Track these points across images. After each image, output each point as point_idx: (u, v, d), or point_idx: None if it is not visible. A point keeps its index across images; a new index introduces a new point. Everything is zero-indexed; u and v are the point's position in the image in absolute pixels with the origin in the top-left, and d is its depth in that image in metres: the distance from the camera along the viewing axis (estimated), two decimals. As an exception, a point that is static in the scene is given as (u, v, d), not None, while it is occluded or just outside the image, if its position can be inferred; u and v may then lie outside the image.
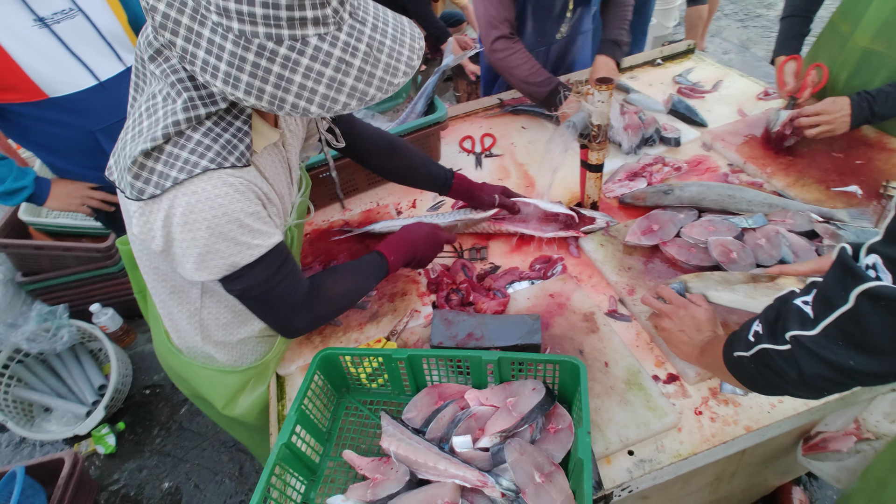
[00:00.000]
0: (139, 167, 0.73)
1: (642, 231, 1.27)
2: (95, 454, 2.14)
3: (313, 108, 0.71)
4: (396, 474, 0.87)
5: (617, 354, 1.06)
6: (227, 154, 0.77)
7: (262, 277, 0.85)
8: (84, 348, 2.34)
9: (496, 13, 1.58)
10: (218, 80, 0.68)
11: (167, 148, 0.74)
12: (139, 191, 0.74)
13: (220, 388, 1.09)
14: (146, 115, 0.75)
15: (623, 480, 0.89)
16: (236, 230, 0.79)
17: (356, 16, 0.73)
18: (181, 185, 0.74)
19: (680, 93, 1.84)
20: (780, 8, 4.73)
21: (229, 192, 0.77)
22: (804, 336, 0.62)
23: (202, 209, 0.75)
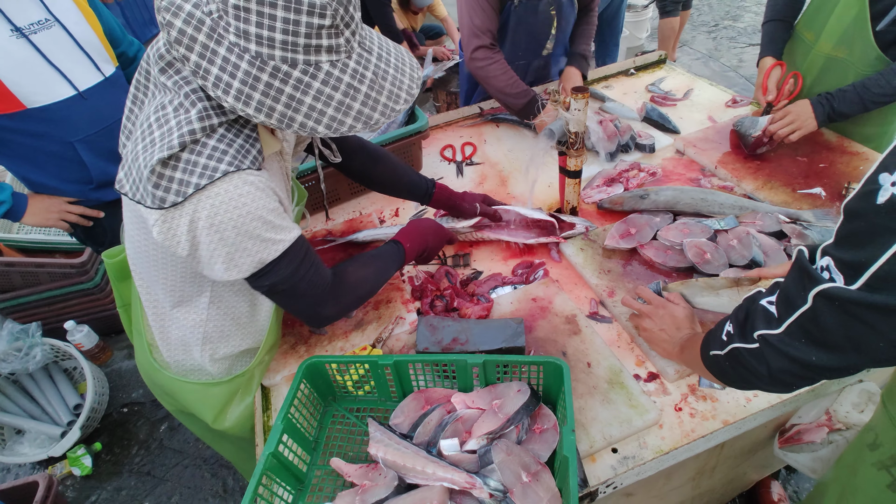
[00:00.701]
0: (158, 176, 0.74)
1: (620, 235, 1.31)
2: (71, 476, 2.07)
3: (320, 129, 0.75)
4: (385, 480, 0.87)
5: (599, 355, 1.08)
6: (243, 157, 0.79)
7: (288, 271, 0.87)
8: (58, 367, 2.27)
9: (480, 23, 1.63)
10: (230, 97, 0.71)
11: (184, 155, 0.75)
12: (160, 199, 0.75)
13: (209, 400, 1.08)
14: (156, 125, 0.76)
15: (608, 477, 0.90)
16: (261, 227, 0.81)
17: (364, 45, 0.78)
18: (203, 189, 0.75)
19: (653, 101, 1.90)
20: (746, 20, 4.93)
21: (251, 190, 0.78)
22: (770, 335, 0.66)
23: (227, 210, 0.77)
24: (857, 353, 0.58)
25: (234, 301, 1.00)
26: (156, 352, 1.07)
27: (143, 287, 0.99)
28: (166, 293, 0.96)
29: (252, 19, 0.68)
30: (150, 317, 1.02)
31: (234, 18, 0.69)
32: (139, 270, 0.97)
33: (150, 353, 1.06)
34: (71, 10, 1.42)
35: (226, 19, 0.69)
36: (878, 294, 0.53)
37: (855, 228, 0.56)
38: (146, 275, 0.96)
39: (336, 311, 1.00)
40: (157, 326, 1.02)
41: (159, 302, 0.99)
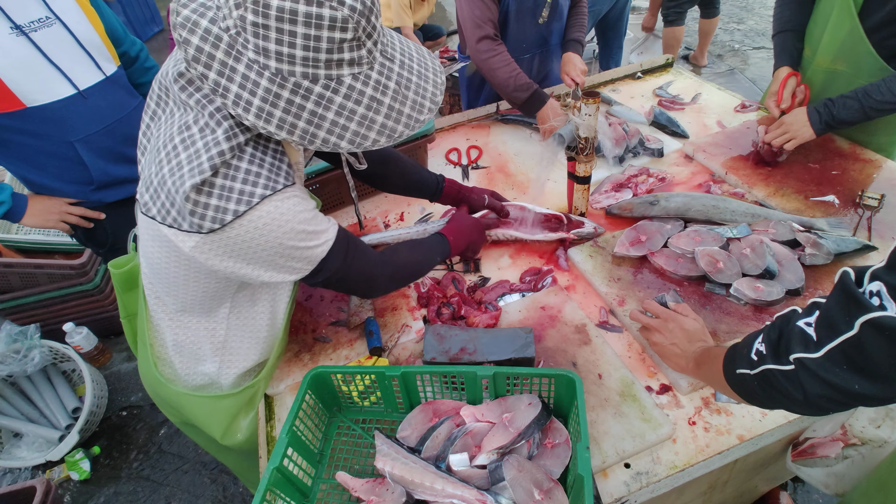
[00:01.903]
0: (193, 203, 0.73)
1: (630, 242, 1.28)
2: (69, 481, 2.05)
3: (343, 144, 0.73)
4: (392, 496, 0.85)
5: (610, 366, 1.06)
6: (276, 176, 0.78)
7: (336, 265, 0.90)
8: (56, 369, 2.25)
9: (481, 13, 1.64)
10: (251, 115, 0.69)
11: (218, 181, 0.73)
12: (198, 226, 0.74)
13: (217, 415, 1.06)
14: (182, 147, 0.74)
15: (621, 494, 0.88)
16: (304, 240, 0.82)
17: (386, 53, 0.75)
18: (242, 216, 0.74)
19: (661, 105, 1.88)
20: (751, 23, 4.91)
21: (289, 208, 0.78)
22: (808, 359, 0.62)
23: (268, 232, 0.77)
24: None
25: (253, 312, 0.99)
26: (161, 364, 1.05)
27: (158, 302, 0.97)
28: (185, 307, 0.94)
29: (272, 36, 0.66)
30: (165, 330, 0.99)
31: (252, 35, 0.67)
32: (155, 285, 0.94)
33: (155, 367, 1.04)
34: (72, 9, 1.40)
35: (244, 36, 0.67)
36: None
37: None
38: (163, 290, 0.93)
39: (386, 286, 1.05)
40: (172, 340, 1.00)
41: (175, 316, 0.96)
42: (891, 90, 1.29)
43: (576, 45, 1.84)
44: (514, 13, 1.76)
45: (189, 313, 0.95)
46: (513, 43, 1.81)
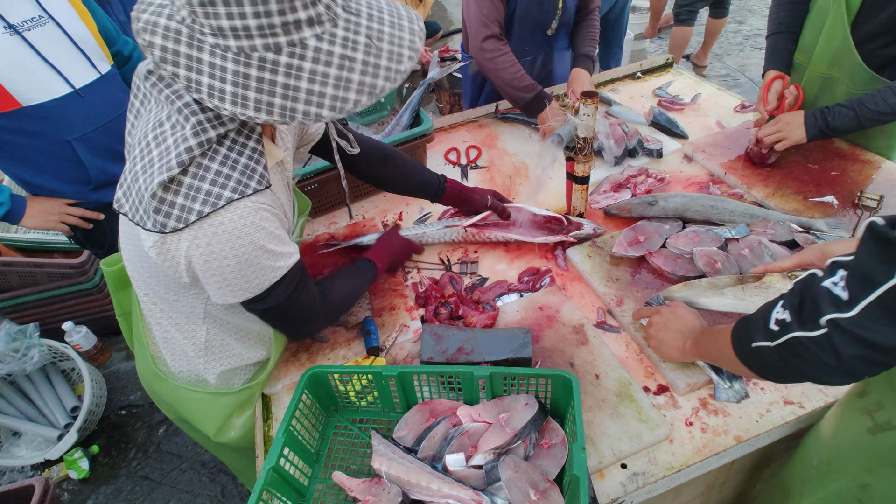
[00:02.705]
0: (159, 201, 0.72)
1: (629, 242, 1.28)
2: (68, 479, 2.05)
3: (325, 112, 0.70)
4: (388, 496, 0.85)
5: (607, 366, 1.06)
6: (248, 180, 0.77)
7: (284, 296, 0.87)
8: (55, 368, 2.25)
9: (487, 13, 1.63)
10: (227, 103, 0.68)
11: (186, 180, 0.73)
12: (161, 224, 0.73)
13: (213, 412, 1.05)
14: (154, 144, 0.74)
15: (618, 495, 0.88)
16: (261, 256, 0.80)
17: (349, 8, 0.72)
18: (206, 217, 0.73)
19: (660, 105, 1.87)
20: (752, 23, 4.90)
21: (254, 220, 0.77)
22: (842, 318, 0.58)
23: (228, 240, 0.76)
24: None
25: (228, 316, 0.98)
26: (159, 362, 1.05)
27: (146, 299, 0.96)
28: (163, 308, 0.94)
29: (221, 12, 0.64)
30: (154, 327, 1.00)
31: (204, 17, 0.65)
32: (139, 283, 0.94)
33: (153, 363, 1.04)
34: (64, 8, 1.40)
35: (199, 21, 0.66)
36: None
37: None
38: (142, 288, 0.94)
39: (318, 327, 1.05)
40: (161, 337, 1.00)
41: (158, 315, 0.97)
42: (885, 101, 1.29)
43: (586, 61, 1.81)
44: (520, 17, 1.75)
45: (168, 312, 0.95)
46: (515, 44, 1.80)
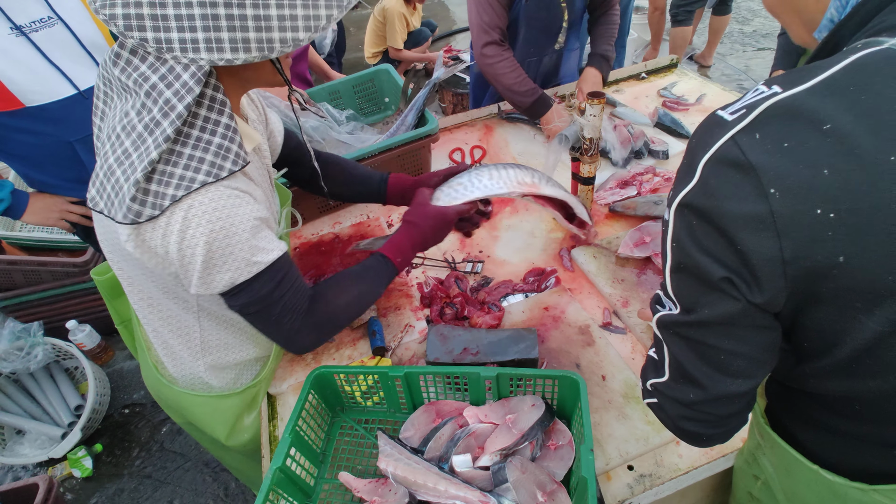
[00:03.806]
0: (137, 190, 0.70)
1: (634, 243, 1.28)
2: (71, 478, 2.05)
3: (301, 35, 0.70)
4: (395, 496, 0.85)
5: (614, 367, 1.05)
6: (223, 161, 0.74)
7: (262, 293, 0.82)
8: (59, 367, 2.25)
9: (489, 19, 1.63)
10: (202, 52, 0.67)
11: (159, 167, 0.71)
12: (136, 213, 0.71)
13: (219, 415, 1.05)
14: (124, 134, 0.71)
15: (625, 497, 0.88)
16: (237, 245, 0.77)
17: None
18: (179, 202, 0.72)
19: (665, 106, 1.87)
20: (756, 24, 4.89)
21: (228, 204, 0.75)
22: (659, 383, 0.63)
23: (199, 224, 0.73)
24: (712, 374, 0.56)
25: (221, 309, 0.94)
26: (162, 368, 1.04)
27: (138, 302, 0.94)
28: (156, 309, 0.92)
29: None
30: (150, 332, 0.99)
31: None
32: (128, 286, 0.92)
33: (156, 370, 1.04)
34: (76, 9, 1.40)
35: None
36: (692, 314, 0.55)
37: None
38: (133, 291, 0.92)
39: (313, 340, 0.92)
40: (158, 342, 0.99)
41: (149, 318, 0.95)
42: None
43: (601, 61, 1.76)
44: (525, 23, 1.74)
45: (161, 312, 0.93)
46: (521, 48, 1.79)
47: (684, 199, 0.52)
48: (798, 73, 0.49)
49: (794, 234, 0.46)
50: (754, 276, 0.49)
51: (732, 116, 0.49)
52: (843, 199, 0.44)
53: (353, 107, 1.85)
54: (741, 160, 0.47)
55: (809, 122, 0.45)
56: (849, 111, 0.44)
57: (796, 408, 0.67)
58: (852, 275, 0.46)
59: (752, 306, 0.51)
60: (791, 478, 0.71)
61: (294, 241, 1.50)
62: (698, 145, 0.51)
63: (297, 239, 1.51)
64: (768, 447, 0.73)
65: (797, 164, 0.45)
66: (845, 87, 0.45)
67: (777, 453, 0.71)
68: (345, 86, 1.84)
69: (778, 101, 0.47)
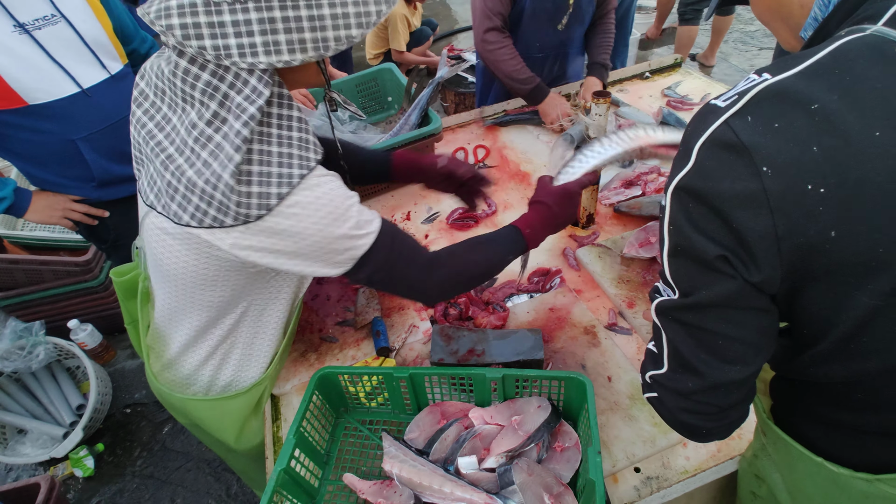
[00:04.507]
0: (238, 195, 0.72)
1: (640, 243, 1.27)
2: (73, 478, 2.05)
3: (354, 32, 0.72)
4: (400, 498, 0.84)
5: (620, 369, 1.05)
6: (307, 152, 0.77)
7: (381, 260, 0.85)
8: (61, 366, 2.25)
9: (492, 5, 1.66)
10: (260, 56, 0.68)
11: (255, 169, 0.73)
12: (244, 217, 0.73)
13: (227, 417, 1.05)
14: (199, 146, 0.72)
15: (631, 499, 0.87)
16: (345, 226, 0.79)
17: None
18: (285, 198, 0.74)
19: (669, 105, 1.86)
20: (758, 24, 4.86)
21: (328, 190, 0.78)
22: (658, 375, 0.63)
23: (310, 214, 0.76)
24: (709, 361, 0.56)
25: (267, 314, 0.98)
26: (167, 372, 1.03)
27: (171, 308, 0.94)
28: (201, 313, 0.92)
29: None
30: (172, 337, 0.98)
31: None
32: (169, 293, 0.92)
33: (155, 379, 1.03)
34: (79, 7, 1.39)
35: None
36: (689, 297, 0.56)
37: None
38: (175, 297, 0.91)
39: (440, 292, 0.94)
40: (179, 345, 0.98)
41: (186, 322, 0.95)
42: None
43: (600, 70, 1.83)
44: (530, 13, 1.75)
45: (203, 319, 0.93)
46: (527, 42, 1.81)
47: (680, 183, 0.53)
48: (786, 60, 0.51)
49: (787, 211, 0.47)
50: (750, 253, 0.50)
51: (725, 103, 0.51)
52: (831, 174, 0.46)
53: (357, 105, 1.85)
54: (734, 141, 0.49)
55: (798, 103, 0.47)
56: (834, 91, 0.46)
57: (801, 405, 0.67)
58: (843, 249, 0.47)
59: (749, 286, 0.52)
60: (795, 473, 0.71)
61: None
62: (693, 132, 0.53)
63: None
64: (772, 444, 0.73)
65: (787, 143, 0.47)
66: (831, 69, 0.48)
67: (780, 449, 0.71)
68: (348, 85, 1.83)
69: (768, 86, 0.49)
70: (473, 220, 1.48)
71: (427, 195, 1.61)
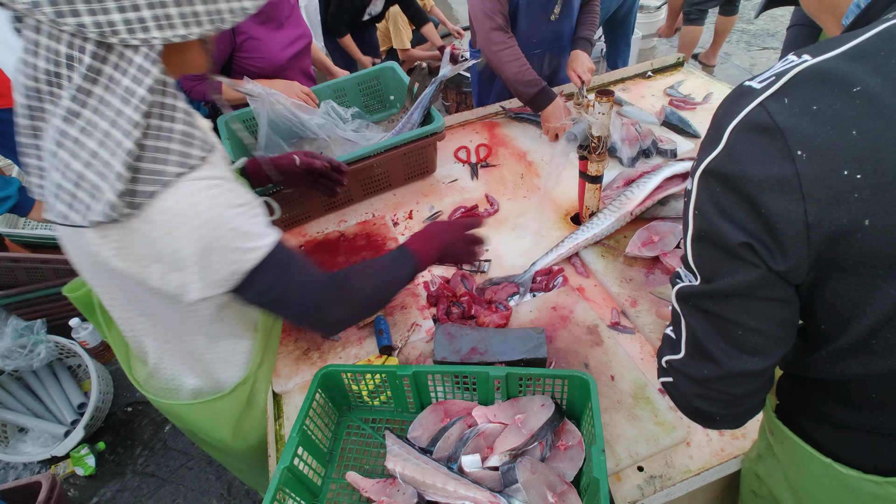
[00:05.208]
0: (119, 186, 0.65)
1: (642, 243, 1.27)
2: (74, 476, 2.05)
3: (248, 3, 0.68)
4: (404, 497, 0.84)
5: (623, 367, 1.04)
6: (189, 147, 0.69)
7: (272, 279, 0.78)
8: (62, 365, 2.25)
9: (491, 5, 1.65)
10: (152, 31, 0.63)
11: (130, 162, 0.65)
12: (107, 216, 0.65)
13: (219, 417, 1.04)
14: (85, 136, 0.64)
15: (635, 498, 0.87)
16: (227, 236, 0.72)
17: None
18: (153, 199, 0.67)
19: (672, 104, 1.86)
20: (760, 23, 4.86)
21: (211, 195, 0.70)
22: (674, 360, 0.63)
23: (185, 223, 0.69)
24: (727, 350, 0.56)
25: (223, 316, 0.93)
26: (155, 380, 1.03)
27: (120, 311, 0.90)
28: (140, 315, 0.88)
29: None
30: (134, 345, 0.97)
31: None
32: (112, 300, 0.88)
33: (148, 384, 1.03)
34: None
35: None
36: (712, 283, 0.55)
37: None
38: (116, 298, 0.87)
39: (343, 315, 0.88)
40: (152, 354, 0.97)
41: (137, 327, 0.92)
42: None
43: (584, 43, 1.83)
44: (525, 7, 1.75)
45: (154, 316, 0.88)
46: (523, 38, 1.81)
47: (709, 167, 0.51)
48: (828, 42, 0.48)
49: (820, 196, 0.46)
50: (777, 241, 0.48)
51: (761, 84, 0.49)
52: (869, 160, 0.44)
53: (359, 104, 1.85)
54: (769, 124, 0.47)
55: (838, 85, 0.45)
56: (878, 74, 0.44)
57: (808, 405, 0.67)
58: (876, 238, 0.46)
59: (773, 274, 0.50)
60: (802, 473, 0.70)
61: (299, 239, 1.50)
62: (725, 114, 0.51)
63: (302, 237, 1.51)
64: (779, 443, 0.73)
65: (825, 126, 0.45)
66: (875, 52, 0.45)
67: (788, 449, 0.70)
68: (350, 83, 1.83)
69: (807, 67, 0.47)
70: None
71: (429, 193, 1.61)
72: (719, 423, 0.63)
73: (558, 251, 1.31)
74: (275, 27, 1.71)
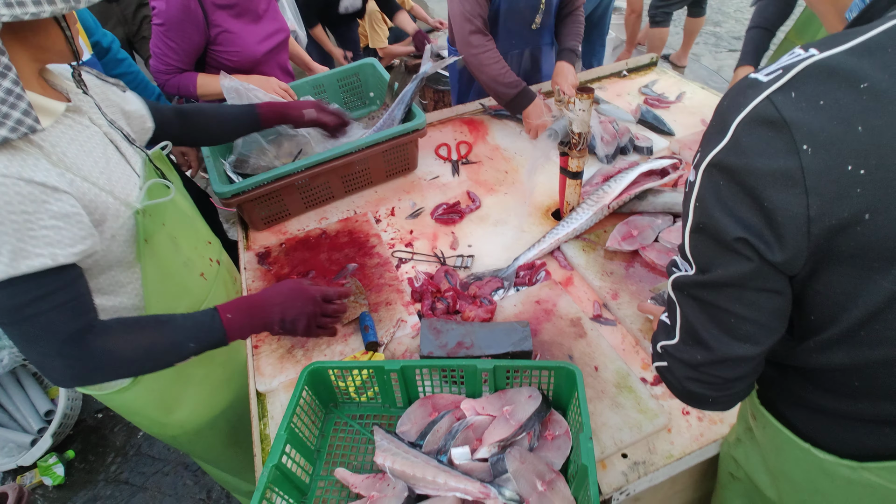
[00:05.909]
0: None
1: (622, 237, 1.30)
2: (42, 486, 1.97)
3: None
4: (394, 491, 0.84)
5: (605, 358, 1.07)
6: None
7: (12, 304, 0.70)
8: (27, 371, 2.15)
9: (471, 8, 1.64)
10: (1, 9, 0.61)
11: None
12: None
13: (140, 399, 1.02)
14: None
15: (620, 484, 0.89)
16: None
17: None
18: None
19: (647, 103, 1.90)
20: (727, 26, 5.02)
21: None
22: (669, 345, 0.65)
23: None
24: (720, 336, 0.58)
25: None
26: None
27: None
28: None
29: None
30: None
31: None
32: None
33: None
34: None
35: None
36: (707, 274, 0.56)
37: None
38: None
39: (72, 375, 0.77)
40: None
41: None
42: None
43: (571, 55, 1.84)
44: (505, 13, 1.77)
45: None
46: (501, 40, 1.82)
47: (714, 159, 0.52)
48: (836, 36, 0.49)
49: (823, 191, 0.46)
50: (777, 234, 0.49)
51: (768, 77, 0.49)
52: (873, 155, 0.45)
53: (338, 101, 1.83)
54: (775, 117, 0.47)
55: (846, 81, 0.46)
56: (885, 70, 0.45)
57: (788, 391, 0.69)
58: (875, 232, 0.47)
59: (767, 266, 0.51)
60: (781, 456, 0.73)
61: (280, 237, 1.48)
62: (730, 107, 0.51)
63: (283, 234, 1.49)
64: (760, 427, 0.75)
65: (831, 121, 0.46)
66: (883, 48, 0.46)
67: (769, 433, 0.73)
68: (329, 79, 1.81)
69: (815, 62, 0.47)
70: (458, 216, 1.48)
71: (411, 190, 1.61)
72: (711, 404, 0.65)
73: (540, 246, 1.33)
74: (250, 20, 1.68)
